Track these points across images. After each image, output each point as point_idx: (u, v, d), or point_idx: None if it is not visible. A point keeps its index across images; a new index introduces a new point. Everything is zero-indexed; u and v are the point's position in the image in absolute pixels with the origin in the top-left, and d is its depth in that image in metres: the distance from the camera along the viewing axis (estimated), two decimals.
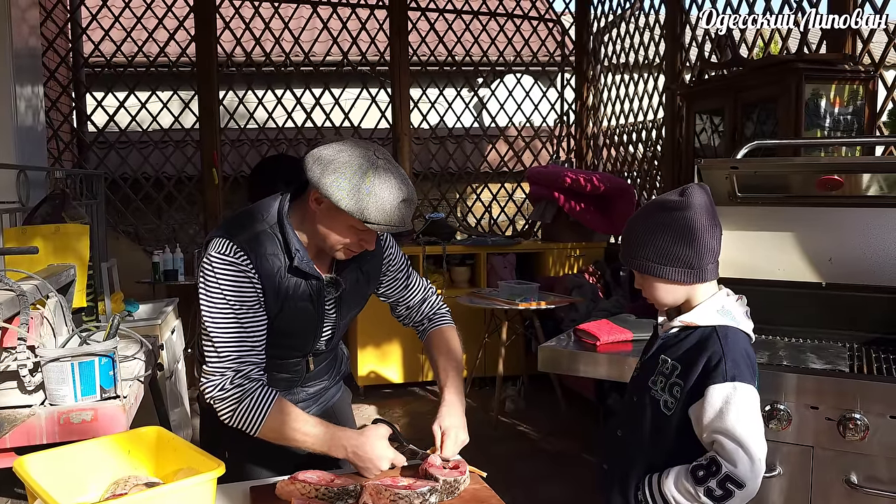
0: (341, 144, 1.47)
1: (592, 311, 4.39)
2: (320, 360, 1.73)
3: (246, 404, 1.50)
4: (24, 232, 2.48)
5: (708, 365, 1.36)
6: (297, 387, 1.72)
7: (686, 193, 1.41)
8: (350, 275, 1.65)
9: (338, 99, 6.08)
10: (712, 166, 2.47)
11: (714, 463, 1.33)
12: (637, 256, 1.44)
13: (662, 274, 1.41)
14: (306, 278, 1.57)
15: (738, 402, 1.33)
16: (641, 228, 1.45)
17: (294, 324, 1.59)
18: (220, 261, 1.50)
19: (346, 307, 1.67)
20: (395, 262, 1.76)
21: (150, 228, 6.06)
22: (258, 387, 1.52)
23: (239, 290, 1.50)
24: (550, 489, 3.58)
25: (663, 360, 1.46)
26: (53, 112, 5.39)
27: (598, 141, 6.31)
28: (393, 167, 1.46)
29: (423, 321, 1.84)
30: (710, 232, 1.40)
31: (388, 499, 1.37)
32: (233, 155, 6.06)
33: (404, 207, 1.45)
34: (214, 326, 1.50)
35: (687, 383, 1.38)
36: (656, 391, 1.44)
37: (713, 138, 4.25)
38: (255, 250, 1.51)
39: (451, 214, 6.46)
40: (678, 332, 1.46)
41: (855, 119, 3.36)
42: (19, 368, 1.75)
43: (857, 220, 2.42)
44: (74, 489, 1.36)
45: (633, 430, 1.48)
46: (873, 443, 1.83)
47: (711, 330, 1.41)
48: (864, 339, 2.31)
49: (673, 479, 1.38)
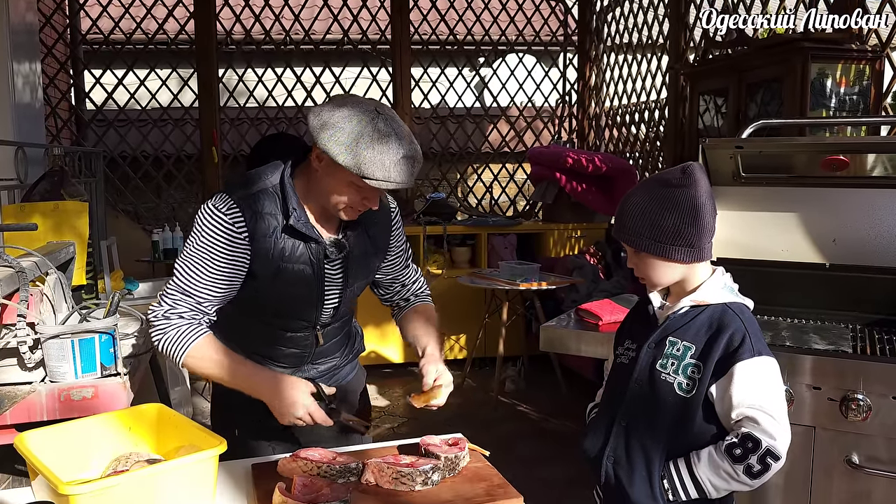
0: (343, 100, 1.45)
1: (593, 292, 4.39)
2: (330, 335, 1.69)
3: (171, 335, 1.52)
4: (23, 209, 2.46)
5: (731, 343, 1.35)
6: (307, 363, 1.70)
7: (688, 172, 1.39)
8: (357, 239, 1.62)
9: (338, 77, 6.03)
10: (717, 146, 2.45)
11: (750, 439, 1.31)
12: (636, 234, 1.40)
13: (663, 252, 1.38)
14: (305, 240, 1.54)
15: (767, 376, 1.34)
16: (641, 205, 1.40)
17: (293, 288, 1.57)
18: (211, 214, 1.50)
19: (353, 274, 1.64)
20: (401, 241, 1.76)
21: (150, 207, 6.04)
22: (185, 323, 1.53)
23: (218, 248, 1.50)
24: (550, 469, 3.59)
25: (671, 341, 1.41)
26: (51, 89, 5.34)
27: (600, 121, 6.27)
28: (396, 124, 1.43)
29: (408, 297, 1.84)
30: (712, 211, 1.39)
31: (391, 476, 1.37)
32: (232, 133, 6.02)
33: (405, 164, 1.41)
34: (179, 264, 1.53)
35: (707, 363, 1.36)
36: (668, 374, 1.40)
37: (716, 119, 4.22)
38: (252, 208, 1.50)
39: (451, 194, 6.44)
40: (686, 312, 1.42)
41: (861, 99, 3.33)
42: (19, 345, 1.75)
43: (862, 201, 2.40)
44: (76, 465, 1.36)
45: (644, 417, 1.42)
46: (875, 423, 1.83)
47: (723, 307, 1.40)
48: (868, 320, 2.30)
49: (706, 461, 1.35)
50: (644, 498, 1.40)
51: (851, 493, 1.90)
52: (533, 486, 1.59)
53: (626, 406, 1.45)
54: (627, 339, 1.52)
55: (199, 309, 1.54)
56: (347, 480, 1.40)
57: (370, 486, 1.39)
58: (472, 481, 1.41)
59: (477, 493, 1.35)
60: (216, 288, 1.53)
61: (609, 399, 1.54)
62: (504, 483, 1.40)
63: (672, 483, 1.38)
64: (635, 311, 1.58)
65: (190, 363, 1.53)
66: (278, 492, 1.28)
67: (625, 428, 1.45)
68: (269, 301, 1.59)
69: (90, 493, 1.13)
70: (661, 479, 1.39)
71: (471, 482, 1.40)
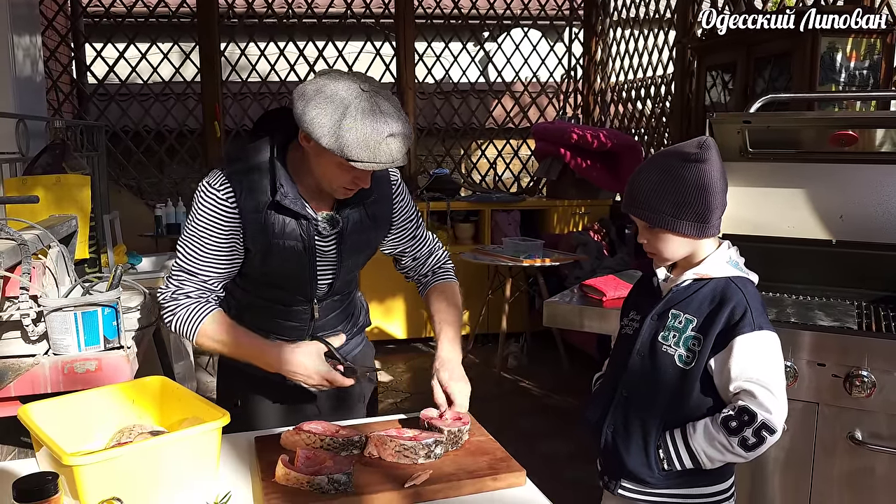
0: (326, 77, 1.39)
1: (597, 269, 4.38)
2: (327, 309, 1.67)
3: (181, 315, 1.54)
4: (25, 182, 2.45)
5: (732, 316, 1.35)
6: (307, 336, 1.68)
7: (704, 146, 1.37)
8: (352, 215, 1.58)
9: (341, 51, 5.97)
10: (724, 120, 2.42)
11: (746, 412, 1.32)
12: (648, 208, 1.39)
13: (676, 227, 1.37)
14: (295, 217, 1.52)
15: (767, 350, 1.35)
16: (654, 180, 1.38)
17: (285, 264, 1.55)
18: (206, 191, 1.52)
19: (349, 250, 1.61)
20: (405, 211, 1.70)
21: (152, 182, 6.02)
22: (194, 302, 1.54)
23: (211, 224, 1.51)
24: (552, 444, 3.61)
25: (674, 314, 1.42)
26: (52, 62, 5.30)
27: (605, 97, 6.21)
28: (381, 101, 1.37)
29: (427, 274, 1.79)
30: (724, 187, 1.38)
31: (393, 450, 1.37)
32: (235, 108, 5.98)
33: (392, 142, 1.35)
34: (180, 247, 1.55)
35: (707, 335, 1.37)
36: (668, 346, 1.41)
37: (723, 94, 4.17)
38: (243, 183, 1.49)
39: (455, 170, 6.40)
40: (689, 285, 1.43)
41: (871, 74, 3.29)
42: (22, 318, 1.74)
43: (870, 177, 2.38)
44: (79, 437, 1.36)
45: (643, 388, 1.44)
46: (878, 400, 1.82)
47: (726, 281, 1.40)
48: (873, 297, 2.29)
49: (701, 432, 1.36)
50: (640, 466, 1.42)
51: (853, 470, 1.90)
52: (535, 460, 1.60)
53: (627, 376, 1.47)
54: (632, 311, 1.53)
55: (206, 287, 1.55)
56: (350, 453, 1.40)
57: (373, 458, 1.39)
58: (474, 455, 1.41)
59: (480, 467, 1.35)
60: (217, 264, 1.54)
61: (612, 369, 1.55)
62: (507, 457, 1.40)
63: (668, 452, 1.39)
64: (640, 283, 1.58)
65: (202, 341, 1.55)
66: (281, 464, 1.28)
67: (625, 398, 1.46)
68: (263, 276, 1.58)
69: (94, 464, 1.13)
70: (658, 448, 1.40)
71: (473, 456, 1.40)
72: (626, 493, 1.48)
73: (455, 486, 1.29)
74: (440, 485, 1.28)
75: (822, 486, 1.94)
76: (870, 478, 1.89)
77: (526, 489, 1.32)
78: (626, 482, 1.47)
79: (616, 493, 1.49)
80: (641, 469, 1.42)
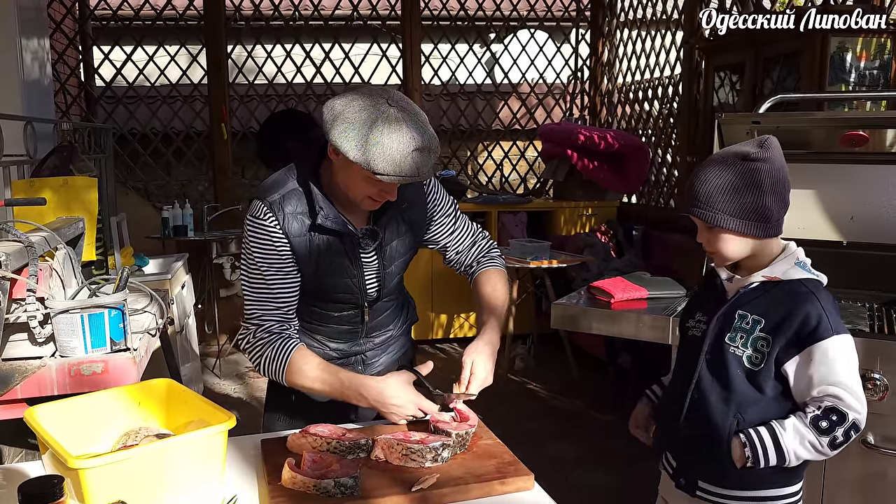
0: (354, 93, 1.42)
1: (604, 271, 4.36)
2: (377, 311, 1.70)
3: (267, 356, 1.56)
4: (32, 184, 2.45)
5: (807, 321, 1.35)
6: (362, 337, 1.71)
7: (766, 145, 1.37)
8: (390, 225, 1.61)
9: (348, 53, 5.97)
10: (733, 121, 2.40)
11: (835, 412, 1.33)
12: (709, 208, 1.38)
13: (738, 228, 1.37)
14: (337, 235, 1.55)
15: (847, 354, 1.35)
16: (716, 179, 1.38)
17: (334, 279, 1.59)
18: (251, 223, 1.56)
19: (389, 257, 1.64)
20: (441, 207, 1.71)
21: (160, 184, 6.04)
22: (277, 339, 1.56)
23: (265, 252, 1.54)
24: (559, 447, 3.59)
25: (741, 315, 1.42)
26: (60, 65, 5.32)
27: (612, 98, 6.19)
28: (408, 115, 1.40)
29: (472, 265, 1.80)
30: (787, 185, 1.39)
31: (400, 453, 1.36)
32: (242, 110, 5.99)
33: (418, 157, 1.39)
34: (245, 285, 1.59)
35: (778, 337, 1.37)
36: (736, 347, 1.42)
37: (731, 95, 4.15)
38: (283, 210, 1.53)
39: (462, 172, 6.40)
40: (756, 286, 1.42)
41: (881, 74, 3.26)
42: (29, 320, 1.74)
43: (881, 178, 2.36)
44: (86, 440, 1.36)
45: (715, 389, 1.44)
46: (892, 403, 1.80)
47: (798, 284, 1.40)
48: (885, 298, 2.26)
49: (791, 432, 1.36)
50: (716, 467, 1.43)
51: (866, 474, 1.88)
52: (542, 463, 1.59)
53: (697, 378, 1.46)
54: (698, 312, 1.53)
55: (284, 316, 1.58)
56: (357, 456, 1.39)
57: (380, 462, 1.38)
58: (482, 458, 1.40)
59: (487, 471, 1.34)
60: (285, 289, 1.57)
61: (682, 369, 1.54)
62: (515, 460, 1.39)
63: (755, 450, 1.37)
64: (705, 284, 1.58)
65: (291, 381, 1.56)
66: (288, 467, 1.27)
67: (696, 400, 1.46)
68: (315, 290, 1.61)
69: (99, 467, 1.13)
70: (743, 446, 1.39)
71: (481, 459, 1.39)
72: (703, 494, 1.48)
73: (463, 490, 1.28)
74: (448, 489, 1.27)
75: (834, 491, 1.93)
76: (882, 482, 1.87)
77: (534, 493, 1.31)
78: (704, 483, 1.48)
79: (696, 496, 1.49)
80: (719, 471, 1.43)
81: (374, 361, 1.75)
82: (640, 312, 2.19)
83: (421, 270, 5.07)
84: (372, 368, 1.74)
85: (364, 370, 1.71)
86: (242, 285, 1.60)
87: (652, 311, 2.17)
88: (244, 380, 4.67)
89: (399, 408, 1.48)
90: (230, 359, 5.01)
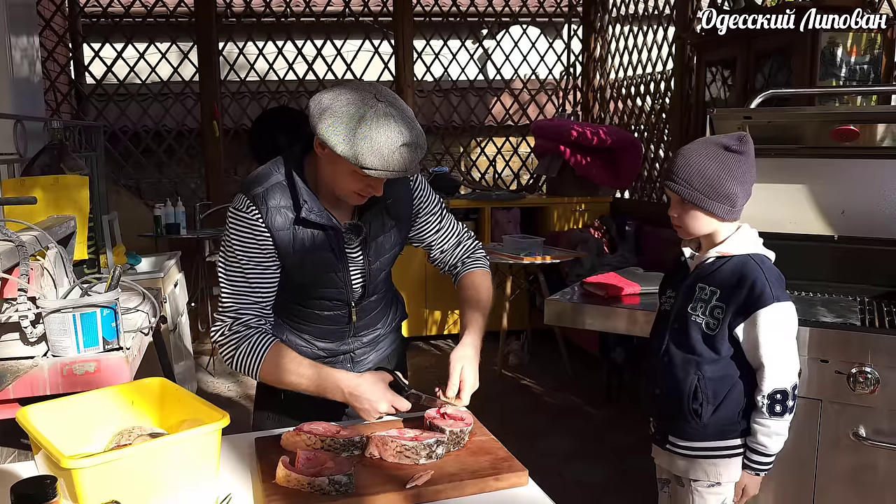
0: (342, 87, 1.42)
1: (598, 266, 4.37)
2: (365, 309, 1.69)
3: (242, 350, 1.55)
4: (23, 183, 2.44)
5: (753, 290, 1.53)
6: (350, 336, 1.70)
7: (744, 141, 1.56)
8: (374, 220, 1.60)
9: (340, 50, 5.95)
10: (725, 116, 2.41)
11: (778, 392, 1.54)
12: (689, 185, 1.55)
13: (709, 207, 1.55)
14: (322, 228, 1.54)
15: (786, 320, 1.54)
16: (700, 162, 1.55)
17: (320, 275, 1.58)
18: (234, 216, 1.54)
19: (375, 252, 1.63)
20: (427, 205, 1.71)
21: (151, 182, 6.01)
22: (255, 333, 1.56)
23: (246, 245, 1.53)
24: (553, 442, 3.60)
25: (701, 287, 1.62)
26: (50, 63, 5.28)
27: (604, 93, 6.19)
28: (396, 111, 1.39)
29: (456, 265, 1.80)
30: (753, 179, 1.58)
31: (395, 450, 1.36)
32: (233, 107, 5.96)
33: (406, 152, 1.38)
34: (223, 277, 1.57)
35: (729, 305, 1.56)
36: (696, 315, 1.61)
37: (723, 91, 4.16)
38: (266, 203, 1.52)
39: (454, 168, 6.39)
40: (713, 261, 1.61)
41: (872, 69, 3.27)
42: (20, 319, 1.73)
43: (872, 172, 2.37)
44: (79, 439, 1.35)
45: (678, 352, 1.63)
46: (882, 396, 1.82)
47: (746, 258, 1.58)
48: (876, 292, 2.28)
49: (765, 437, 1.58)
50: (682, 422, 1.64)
51: (857, 466, 1.90)
52: (536, 458, 1.60)
53: (666, 345, 1.66)
54: (669, 289, 1.74)
55: (261, 312, 1.57)
56: (351, 454, 1.39)
57: (374, 459, 1.38)
58: (476, 455, 1.40)
59: (482, 467, 1.34)
60: (264, 283, 1.56)
61: (654, 340, 1.73)
62: (509, 456, 1.39)
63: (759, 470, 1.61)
64: (674, 265, 1.77)
65: (266, 376, 1.55)
66: (282, 465, 1.27)
67: (666, 363, 1.65)
68: (298, 287, 1.60)
69: (92, 467, 1.12)
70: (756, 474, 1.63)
71: (475, 455, 1.39)
72: (673, 448, 1.68)
73: (457, 487, 1.28)
74: (442, 485, 1.28)
75: (825, 483, 1.94)
76: (873, 475, 1.88)
77: (529, 489, 1.31)
78: (673, 437, 1.68)
79: (665, 449, 1.70)
80: (683, 424, 1.63)
81: (364, 359, 1.75)
82: (633, 308, 2.19)
83: (415, 268, 5.07)
84: (362, 366, 1.73)
85: (353, 368, 1.70)
86: (220, 278, 1.57)
87: (645, 307, 2.18)
88: (238, 378, 4.66)
89: (372, 402, 1.48)
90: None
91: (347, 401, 1.51)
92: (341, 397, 1.51)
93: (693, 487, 1.67)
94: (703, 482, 1.65)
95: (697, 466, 1.65)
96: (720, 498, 1.66)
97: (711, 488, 1.65)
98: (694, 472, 1.66)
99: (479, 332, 1.65)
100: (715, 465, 1.64)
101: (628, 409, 4.03)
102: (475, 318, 1.67)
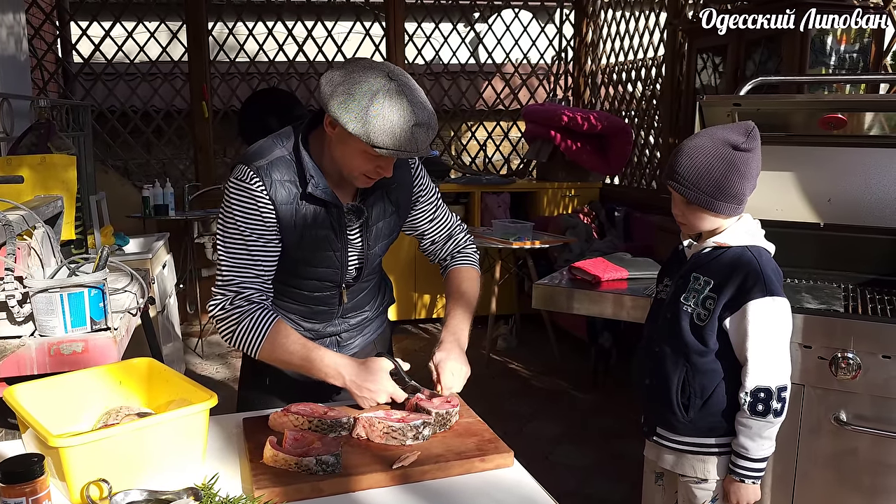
0: (354, 65, 1.40)
1: (586, 252, 4.39)
2: (355, 292, 1.68)
3: (244, 326, 1.51)
4: (9, 162, 2.42)
5: (746, 282, 1.49)
6: (338, 318, 1.70)
7: (752, 136, 1.50)
8: (376, 202, 1.59)
9: (330, 32, 5.90)
10: (714, 103, 2.41)
11: (762, 391, 1.49)
12: (693, 187, 1.50)
13: (717, 209, 1.51)
14: (325, 206, 1.52)
15: (777, 315, 1.50)
16: (704, 162, 1.49)
17: (317, 253, 1.56)
18: (235, 185, 1.50)
19: (374, 237, 1.62)
20: (425, 193, 1.70)
21: (140, 163, 5.96)
22: (257, 308, 1.52)
23: (249, 217, 1.49)
24: (540, 425, 3.64)
25: (695, 277, 1.58)
26: (37, 41, 5.22)
27: (596, 79, 6.19)
28: (408, 90, 1.38)
29: (446, 258, 1.80)
30: (759, 169, 1.53)
31: (382, 431, 1.37)
32: (223, 88, 5.92)
33: (418, 131, 1.37)
34: (223, 250, 1.53)
35: (721, 296, 1.52)
36: (688, 306, 1.58)
37: (713, 77, 4.17)
38: (271, 176, 1.48)
39: (445, 152, 6.38)
40: (710, 251, 1.57)
41: (861, 57, 3.29)
42: (7, 299, 1.73)
43: (859, 161, 2.39)
44: (66, 418, 1.36)
45: (669, 342, 1.60)
46: (863, 382, 1.84)
47: (743, 249, 1.54)
48: (860, 280, 2.30)
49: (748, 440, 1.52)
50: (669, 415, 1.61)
51: (838, 450, 1.93)
52: (523, 441, 1.63)
53: (658, 335, 1.63)
54: (666, 277, 1.71)
55: (262, 286, 1.53)
56: (338, 435, 1.40)
57: (361, 440, 1.39)
58: (462, 436, 1.41)
59: (468, 448, 1.36)
60: (266, 256, 1.52)
61: (648, 330, 1.72)
62: (495, 438, 1.40)
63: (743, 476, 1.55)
64: (672, 253, 1.73)
65: (266, 353, 1.52)
66: (269, 445, 1.28)
67: (656, 353, 1.63)
68: (293, 265, 1.58)
69: (80, 445, 1.12)
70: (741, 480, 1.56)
71: (462, 437, 1.41)
72: (660, 440, 1.66)
73: (443, 468, 1.29)
74: (428, 466, 1.29)
75: (806, 467, 1.97)
76: (853, 459, 1.91)
77: (514, 470, 1.33)
78: (661, 429, 1.65)
79: (654, 441, 1.68)
80: (671, 417, 1.60)
81: (350, 343, 1.75)
82: (621, 293, 2.21)
83: (404, 251, 5.07)
84: (347, 350, 1.73)
85: (339, 351, 1.70)
86: (219, 250, 1.53)
87: (632, 292, 2.20)
88: (226, 360, 4.66)
89: (373, 392, 1.48)
90: (212, 339, 5.00)
91: (347, 387, 1.50)
92: (341, 382, 1.50)
93: (681, 482, 1.66)
94: (691, 478, 1.63)
95: (685, 461, 1.63)
96: (708, 495, 1.63)
97: (699, 484, 1.63)
98: (681, 466, 1.64)
99: (464, 327, 1.65)
100: (703, 461, 1.61)
101: (615, 394, 4.06)
102: (458, 314, 1.67)
